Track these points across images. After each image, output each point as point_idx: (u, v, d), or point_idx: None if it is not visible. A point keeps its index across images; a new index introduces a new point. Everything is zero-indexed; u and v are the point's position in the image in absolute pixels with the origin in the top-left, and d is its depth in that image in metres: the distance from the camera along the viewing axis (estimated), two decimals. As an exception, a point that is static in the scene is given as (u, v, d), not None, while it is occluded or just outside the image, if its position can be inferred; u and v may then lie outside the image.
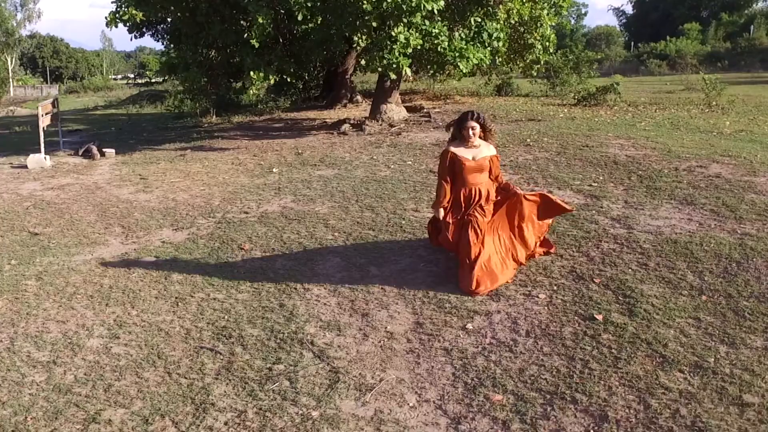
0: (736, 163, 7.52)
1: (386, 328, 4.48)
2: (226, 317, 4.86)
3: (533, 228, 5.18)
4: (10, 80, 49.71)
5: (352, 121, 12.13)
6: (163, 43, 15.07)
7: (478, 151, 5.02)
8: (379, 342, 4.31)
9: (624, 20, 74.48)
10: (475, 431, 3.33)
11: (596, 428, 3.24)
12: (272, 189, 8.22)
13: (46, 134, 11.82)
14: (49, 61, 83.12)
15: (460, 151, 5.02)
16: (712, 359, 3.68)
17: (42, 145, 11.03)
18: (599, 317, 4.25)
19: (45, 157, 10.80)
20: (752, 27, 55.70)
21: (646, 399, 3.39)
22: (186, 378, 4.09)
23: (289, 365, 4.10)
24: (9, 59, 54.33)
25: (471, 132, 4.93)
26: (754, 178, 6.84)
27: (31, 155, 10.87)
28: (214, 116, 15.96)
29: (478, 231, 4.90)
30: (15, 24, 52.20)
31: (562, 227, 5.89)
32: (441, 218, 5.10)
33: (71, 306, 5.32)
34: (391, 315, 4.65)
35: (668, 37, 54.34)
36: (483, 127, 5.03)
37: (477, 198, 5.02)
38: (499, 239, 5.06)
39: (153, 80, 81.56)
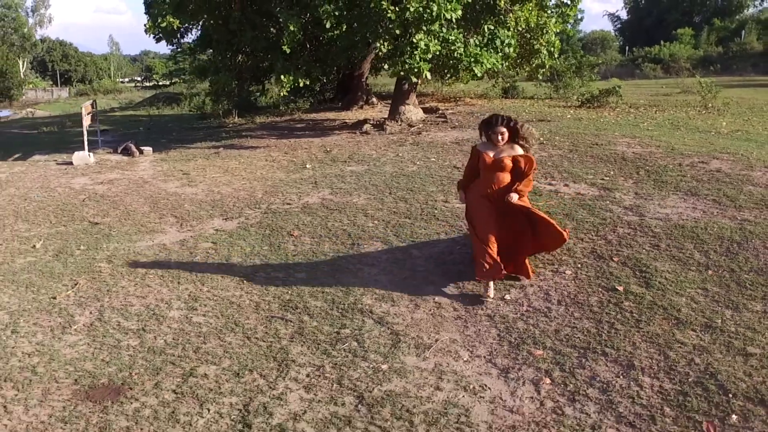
0: (734, 159, 8.08)
1: (434, 299, 5.04)
2: (289, 292, 5.42)
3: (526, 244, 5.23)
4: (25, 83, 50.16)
5: (372, 122, 12.70)
6: (191, 50, 15.54)
7: (501, 151, 5.13)
8: (430, 310, 4.87)
9: (619, 25, 74.92)
10: (523, 378, 3.89)
11: (624, 374, 3.81)
12: (309, 183, 8.77)
13: (81, 134, 12.37)
14: (58, 64, 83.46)
15: (484, 148, 5.22)
16: (719, 320, 4.25)
17: (86, 143, 11.58)
18: (620, 288, 4.82)
19: (89, 154, 11.34)
20: (743, 32, 56.24)
21: (665, 351, 3.96)
22: (264, 341, 4.64)
23: (354, 330, 4.66)
24: (21, 63, 54.80)
25: (499, 136, 5.08)
26: (751, 172, 7.41)
27: (76, 152, 11.41)
28: (237, 117, 16.51)
29: (491, 227, 5.06)
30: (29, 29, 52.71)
31: (581, 215, 6.45)
32: (462, 200, 5.46)
33: (146, 284, 5.87)
34: (437, 288, 5.22)
35: (662, 42, 54.87)
36: (511, 132, 5.12)
37: (495, 194, 5.10)
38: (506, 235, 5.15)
39: (160, 83, 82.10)
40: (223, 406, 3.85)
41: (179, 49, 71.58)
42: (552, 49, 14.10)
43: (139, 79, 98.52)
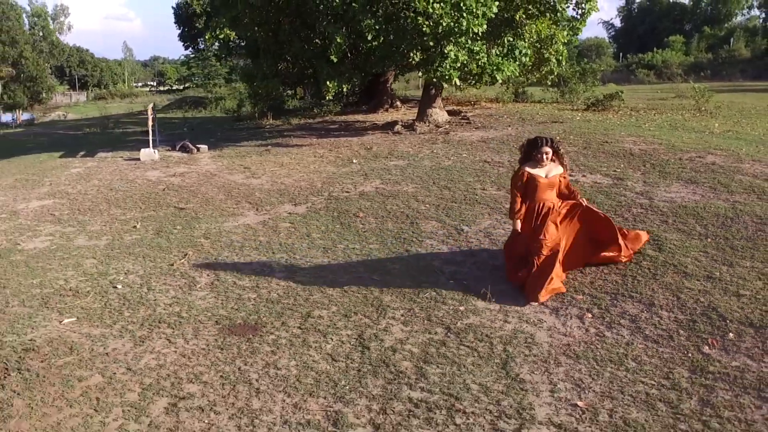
0: (726, 154, 9.18)
1: (490, 262, 6.13)
2: (369, 258, 6.50)
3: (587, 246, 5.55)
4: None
5: (402, 123, 13.79)
6: (236, 58, 16.59)
7: (549, 170, 5.46)
8: (489, 270, 5.96)
9: (613, 32, 75.82)
10: (570, 315, 4.98)
11: (647, 310, 4.90)
12: (359, 175, 9.86)
13: (132, 134, 13.46)
14: (75, 69, 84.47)
15: (535, 170, 5.46)
16: (718, 273, 5.34)
17: (151, 141, 12.65)
18: (638, 252, 5.91)
19: (154, 151, 12.42)
20: (732, 39, 57.25)
21: (677, 294, 5.05)
22: (359, 293, 5.72)
23: (431, 284, 5.75)
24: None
25: (545, 156, 5.39)
26: (741, 164, 8.50)
27: (143, 149, 12.49)
28: (271, 119, 17.58)
29: (547, 249, 5.34)
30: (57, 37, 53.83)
31: (600, 199, 7.54)
32: (518, 229, 5.53)
33: (245, 254, 6.95)
34: (491, 254, 6.31)
35: (655, 49, 55.87)
36: (555, 151, 5.47)
37: (546, 212, 5.41)
38: (566, 244, 5.44)
39: (174, 87, 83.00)
40: (342, 336, 4.93)
41: (193, 56, 72.35)
42: (560, 57, 15.18)
43: (152, 83, 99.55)
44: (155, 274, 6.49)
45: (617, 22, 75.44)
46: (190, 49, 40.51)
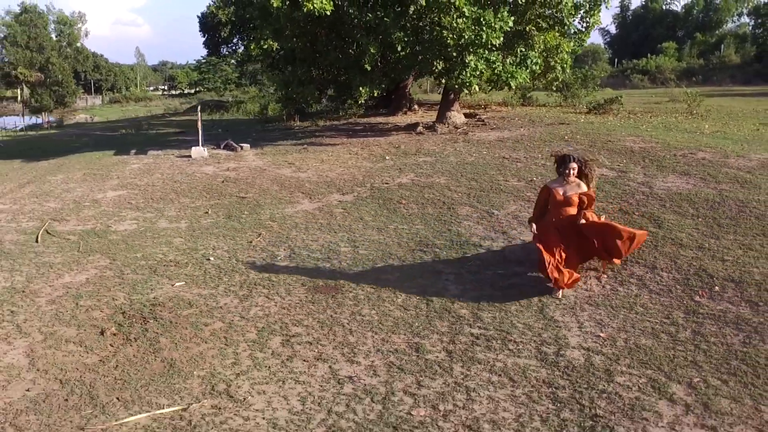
0: (715, 151, 10.30)
1: (520, 237, 7.26)
2: (418, 236, 7.62)
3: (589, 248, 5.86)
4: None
5: (423, 124, 14.92)
6: (269, 65, 17.71)
7: (569, 189, 5.81)
8: (519, 243, 7.09)
9: (608, 39, 76.83)
10: (588, 276, 6.10)
11: (650, 272, 6.02)
12: (394, 169, 10.99)
13: (166, 134, 14.55)
14: (90, 74, 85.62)
15: (554, 187, 5.92)
16: (707, 245, 6.47)
17: (200, 140, 13.78)
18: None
19: (203, 149, 13.53)
20: (722, 46, 58.27)
21: (675, 260, 6.18)
22: (416, 263, 6.83)
23: (474, 253, 6.88)
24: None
25: (571, 171, 5.79)
26: (727, 159, 9.63)
27: (194, 147, 13.60)
28: (298, 121, 18.71)
29: (560, 244, 5.72)
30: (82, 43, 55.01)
31: (608, 188, 8.67)
32: (533, 231, 5.98)
33: (311, 233, 8.07)
34: (519, 232, 7.43)
35: (648, 55, 56.91)
36: (580, 168, 5.83)
37: (566, 219, 5.80)
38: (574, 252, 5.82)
39: (185, 92, 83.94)
40: (409, 293, 6.05)
41: (204, 61, 72.81)
42: (565, 65, 16.29)
43: (163, 87, 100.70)
44: (239, 249, 7.61)
45: (612, 29, 76.43)
46: (213, 56, 41.66)
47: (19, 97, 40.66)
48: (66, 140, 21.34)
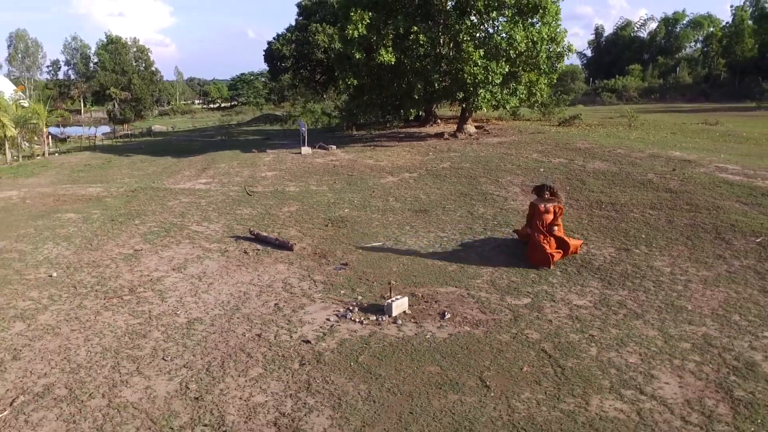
0: (627, 148, 16.01)
1: (510, 195, 12.98)
2: (459, 191, 13.31)
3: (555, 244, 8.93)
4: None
5: (448, 133, 20.67)
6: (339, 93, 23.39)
7: (548, 203, 8.88)
8: (539, 200, 12.81)
9: (585, 61, 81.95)
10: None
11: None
12: (436, 160, 16.71)
13: (254, 140, 20.19)
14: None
15: (538, 203, 9.00)
16: (609, 190, 12.20)
17: (306, 141, 19.49)
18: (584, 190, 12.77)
19: (308, 148, 19.26)
20: (678, 68, 63.67)
21: (588, 196, 11.91)
22: (463, 204, 12.54)
23: (502, 216, 12.58)
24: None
25: (547, 193, 9.02)
26: (632, 153, 15.35)
27: (303, 147, 19.32)
28: (355, 130, 24.45)
29: (549, 237, 8.86)
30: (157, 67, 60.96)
31: (561, 169, 14.37)
32: (520, 237, 9.59)
33: (401, 190, 13.75)
34: (511, 191, 13.15)
35: (617, 76, 62.43)
36: (552, 192, 8.99)
37: (543, 226, 8.87)
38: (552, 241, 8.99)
39: (222, 105, 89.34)
40: (461, 211, 11.77)
41: (239, 78, 78.54)
42: (542, 93, 22.04)
43: (199, 101, 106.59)
44: (366, 198, 13.32)
45: (589, 53, 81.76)
46: (273, 82, 47.59)
47: (110, 112, 46.66)
48: (184, 144, 27.04)
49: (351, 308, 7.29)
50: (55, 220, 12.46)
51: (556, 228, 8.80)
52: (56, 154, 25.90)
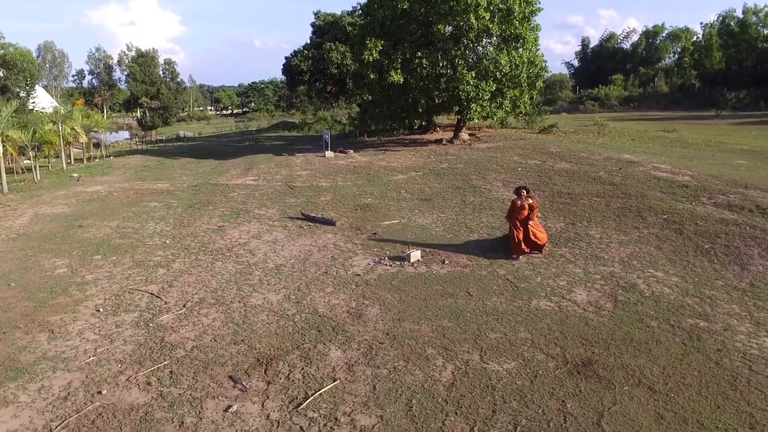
0: (589, 152, 19.36)
1: (493, 189, 16.35)
2: (455, 185, 16.67)
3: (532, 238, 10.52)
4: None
5: (445, 139, 24.02)
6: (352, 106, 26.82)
7: (525, 200, 10.42)
8: (493, 194, 16.18)
9: (572, 71, 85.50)
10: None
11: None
12: (436, 162, 20.07)
13: (278, 145, 23.61)
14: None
15: (517, 201, 10.46)
16: (565, 185, 15.58)
17: (328, 146, 22.84)
18: (558, 190, 16.14)
19: (331, 152, 22.62)
20: (656, 78, 67.08)
21: (552, 189, 15.28)
22: (459, 198, 15.90)
23: (487, 203, 15.93)
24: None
25: (523, 193, 10.48)
26: (592, 155, 18.70)
27: (326, 151, 22.67)
28: (367, 136, 27.80)
29: (521, 229, 10.42)
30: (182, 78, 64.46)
31: (534, 170, 17.74)
32: (508, 222, 10.86)
33: (410, 184, 17.12)
34: (494, 186, 16.50)
35: (600, 85, 65.86)
36: (528, 193, 10.51)
37: (522, 218, 10.35)
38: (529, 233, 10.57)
39: (234, 112, 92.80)
40: (455, 200, 15.14)
41: (250, 87, 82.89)
42: (525, 106, 25.43)
43: (210, 108, 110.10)
44: (383, 191, 16.67)
45: (576, 63, 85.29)
46: (290, 93, 51.11)
47: (139, 119, 50.17)
48: (220, 148, 30.42)
49: (383, 258, 10.62)
50: (144, 207, 15.83)
51: (531, 222, 11.17)
52: (111, 158, 29.26)
